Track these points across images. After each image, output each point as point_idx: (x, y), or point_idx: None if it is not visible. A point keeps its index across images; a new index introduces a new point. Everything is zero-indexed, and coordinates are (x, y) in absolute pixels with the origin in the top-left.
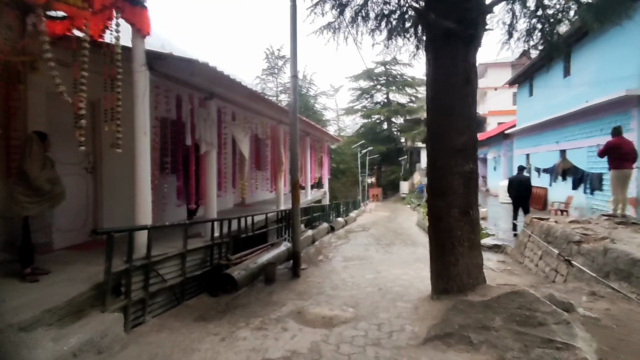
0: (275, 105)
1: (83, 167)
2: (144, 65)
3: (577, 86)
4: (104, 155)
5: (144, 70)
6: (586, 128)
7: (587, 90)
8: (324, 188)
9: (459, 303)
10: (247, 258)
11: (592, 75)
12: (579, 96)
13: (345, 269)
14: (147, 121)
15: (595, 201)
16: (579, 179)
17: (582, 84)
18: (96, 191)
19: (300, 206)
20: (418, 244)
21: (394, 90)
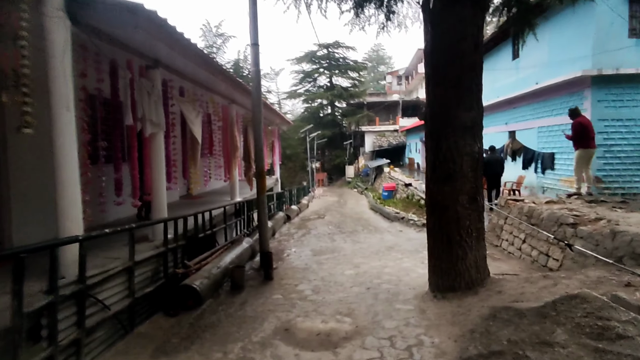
0: (233, 79)
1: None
2: (61, 10)
3: (525, 68)
4: (9, 141)
5: (62, 18)
6: (537, 109)
7: (536, 72)
8: (275, 175)
9: (502, 312)
10: (207, 262)
11: (541, 58)
12: (527, 78)
13: (320, 265)
14: (69, 92)
15: (546, 180)
16: (529, 159)
17: (531, 66)
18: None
19: (254, 196)
20: (382, 230)
21: (337, 74)
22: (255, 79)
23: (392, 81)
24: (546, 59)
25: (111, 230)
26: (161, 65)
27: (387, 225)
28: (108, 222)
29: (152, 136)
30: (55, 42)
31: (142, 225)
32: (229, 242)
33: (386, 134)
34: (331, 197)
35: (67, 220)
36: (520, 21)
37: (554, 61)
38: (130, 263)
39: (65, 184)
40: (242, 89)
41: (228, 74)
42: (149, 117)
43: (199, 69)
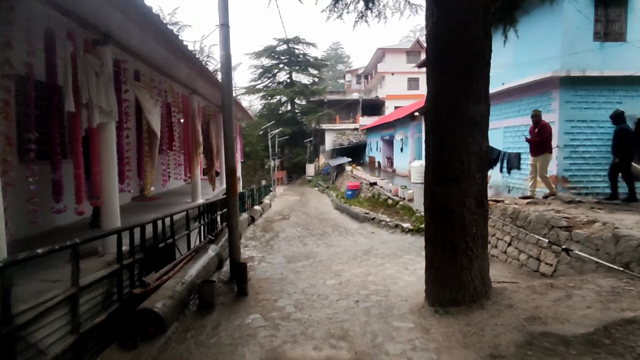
0: (198, 63)
1: None
2: None
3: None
4: None
5: None
6: (502, 109)
7: (502, 73)
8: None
9: (541, 338)
10: (169, 276)
11: (507, 59)
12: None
13: (297, 275)
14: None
15: (512, 180)
16: (494, 159)
17: (497, 67)
18: None
19: (216, 197)
20: (353, 232)
21: (298, 70)
22: (225, 65)
23: (352, 80)
24: (512, 60)
25: (45, 251)
26: (112, 41)
27: (357, 227)
28: (46, 231)
29: (102, 127)
30: None
31: (88, 240)
32: (193, 250)
33: (347, 133)
34: (293, 197)
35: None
36: (504, 15)
37: (520, 62)
38: (74, 289)
39: None
40: (207, 77)
41: (193, 56)
42: (97, 103)
43: (158, 48)
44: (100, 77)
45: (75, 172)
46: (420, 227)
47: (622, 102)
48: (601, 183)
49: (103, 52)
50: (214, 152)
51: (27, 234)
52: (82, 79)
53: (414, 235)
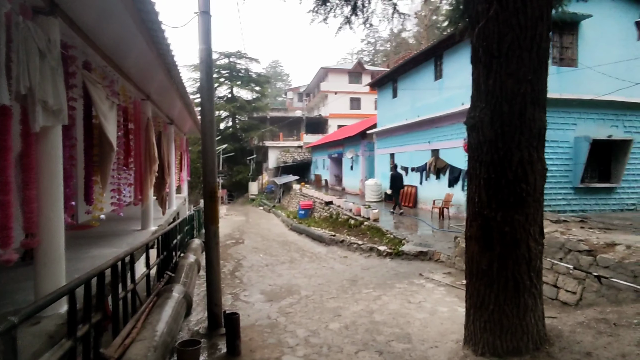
0: (175, 70)
1: None
2: None
3: (450, 89)
4: None
5: None
6: (463, 128)
7: (462, 93)
8: (183, 193)
9: None
10: (132, 338)
11: (466, 80)
12: (452, 98)
13: (289, 318)
14: None
15: None
16: (456, 177)
17: (456, 87)
18: None
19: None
20: (323, 257)
21: (240, 85)
22: (205, 61)
23: (293, 97)
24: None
25: None
26: (59, 11)
27: (325, 251)
28: None
29: (44, 132)
30: None
31: (30, 315)
32: (154, 295)
33: (290, 150)
34: (237, 217)
35: None
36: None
37: None
38: None
39: None
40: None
41: (170, 52)
42: (41, 96)
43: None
44: (46, 59)
45: (3, 198)
46: (400, 250)
47: (577, 123)
48: (561, 201)
49: (48, 24)
50: (166, 169)
51: None
52: (21, 58)
53: (394, 260)
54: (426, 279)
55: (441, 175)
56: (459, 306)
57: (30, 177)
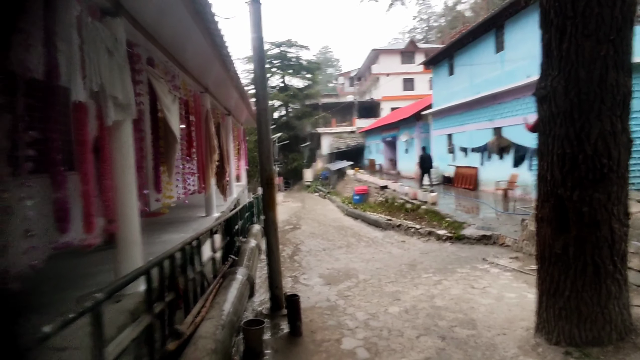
0: (230, 61)
1: None
2: None
3: (513, 61)
4: None
5: None
6: (529, 103)
7: (527, 65)
8: (242, 181)
9: None
10: (202, 316)
11: (531, 50)
12: (516, 71)
13: (347, 301)
14: None
15: None
16: (521, 156)
17: (520, 59)
18: None
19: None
20: (380, 242)
21: (291, 74)
22: (257, 49)
23: (345, 82)
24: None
25: (56, 327)
26: (124, 12)
27: (381, 235)
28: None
29: (116, 127)
30: None
31: (113, 292)
32: (220, 276)
33: (343, 136)
34: (294, 203)
35: None
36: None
37: None
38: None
39: None
40: (228, 72)
41: (222, 37)
42: (111, 92)
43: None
44: (114, 57)
45: (84, 188)
46: (461, 234)
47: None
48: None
49: (115, 25)
50: (225, 158)
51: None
52: (92, 58)
53: (454, 244)
54: (490, 264)
55: (504, 155)
56: (528, 292)
57: (106, 168)
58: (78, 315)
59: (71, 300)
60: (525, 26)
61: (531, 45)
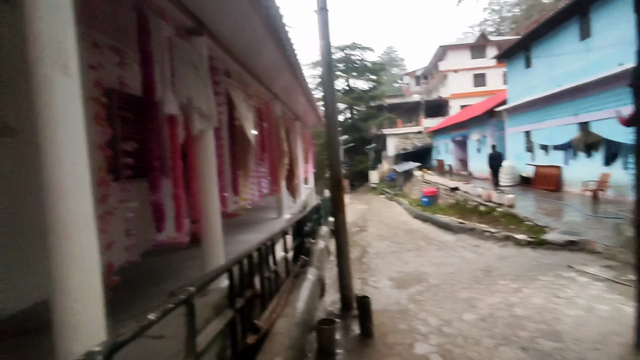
0: (297, 61)
1: None
2: None
3: (601, 49)
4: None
5: None
6: (621, 94)
7: (618, 52)
8: (309, 184)
9: None
10: (276, 313)
11: (623, 34)
12: (604, 60)
13: (419, 305)
14: (68, 30)
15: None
16: (613, 154)
17: (609, 46)
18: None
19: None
20: (451, 245)
21: (356, 76)
22: (325, 55)
23: (410, 82)
24: (629, 35)
25: (159, 315)
26: (206, 31)
27: (453, 239)
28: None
29: (200, 135)
30: None
31: (201, 287)
32: (292, 276)
33: (410, 136)
34: (360, 205)
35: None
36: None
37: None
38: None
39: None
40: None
41: (293, 49)
42: (196, 104)
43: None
44: (199, 71)
45: (175, 191)
46: (543, 238)
47: None
48: None
49: (199, 43)
50: (294, 161)
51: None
52: (180, 74)
53: (535, 249)
54: (578, 272)
55: (593, 153)
56: (625, 305)
57: (192, 173)
58: (174, 307)
59: (165, 292)
60: (615, 9)
61: (623, 30)
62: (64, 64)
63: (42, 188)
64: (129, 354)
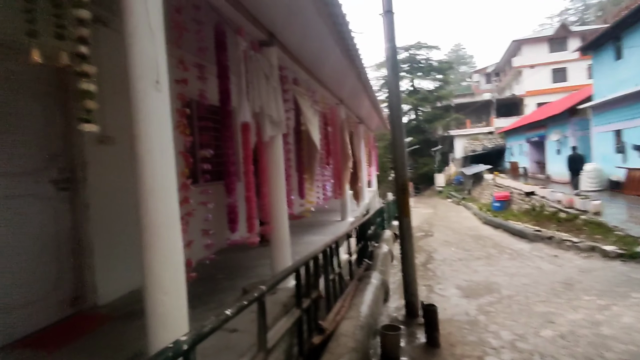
0: (362, 67)
1: (49, 181)
2: None
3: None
4: (88, 157)
5: None
6: None
7: None
8: (372, 187)
9: None
10: (341, 315)
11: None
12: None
13: (489, 317)
14: (160, 52)
15: None
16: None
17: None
18: (77, 225)
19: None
20: (526, 255)
21: (420, 76)
22: (391, 58)
23: (480, 80)
24: None
25: (234, 312)
26: (276, 42)
27: (528, 248)
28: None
29: (270, 141)
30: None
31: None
32: (356, 279)
33: (479, 137)
34: (425, 209)
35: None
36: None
37: None
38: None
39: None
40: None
41: (359, 56)
42: (268, 112)
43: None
44: (270, 81)
45: (247, 194)
46: (636, 251)
47: None
48: None
49: (270, 54)
50: (358, 164)
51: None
52: (253, 83)
53: (626, 263)
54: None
55: None
56: None
57: (263, 177)
58: (248, 304)
59: (237, 287)
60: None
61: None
62: (157, 80)
63: (137, 191)
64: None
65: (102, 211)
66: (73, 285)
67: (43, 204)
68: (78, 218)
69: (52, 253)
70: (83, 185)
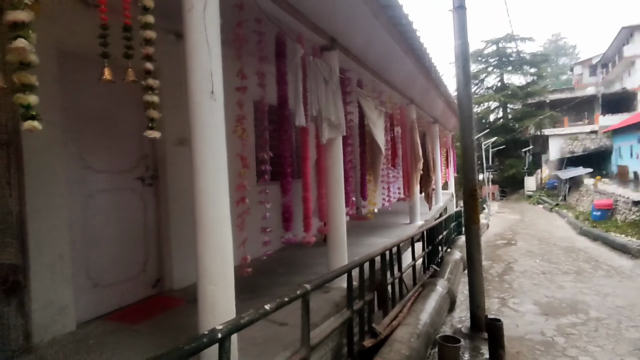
0: (434, 69)
1: (137, 177)
2: None
3: None
4: (168, 157)
5: None
6: None
7: None
8: (450, 189)
9: None
10: (398, 321)
11: None
12: None
13: (570, 340)
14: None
15: None
16: None
17: None
18: (159, 216)
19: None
20: (626, 273)
21: (510, 71)
22: (461, 56)
23: (583, 72)
24: None
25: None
26: (338, 45)
27: (630, 265)
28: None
29: (329, 143)
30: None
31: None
32: (419, 285)
33: (580, 137)
34: (510, 215)
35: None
36: None
37: None
38: (304, 352)
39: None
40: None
41: (430, 59)
42: (326, 115)
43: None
44: (329, 85)
45: (304, 195)
46: None
47: None
48: None
49: (330, 58)
50: (431, 166)
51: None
52: (312, 88)
53: None
54: None
55: None
56: None
57: (321, 178)
58: (289, 301)
59: (293, 283)
60: None
61: None
62: (212, 91)
63: (194, 191)
64: (257, 334)
65: (179, 205)
66: (156, 270)
67: (136, 196)
68: (160, 210)
69: (141, 240)
70: (164, 181)
